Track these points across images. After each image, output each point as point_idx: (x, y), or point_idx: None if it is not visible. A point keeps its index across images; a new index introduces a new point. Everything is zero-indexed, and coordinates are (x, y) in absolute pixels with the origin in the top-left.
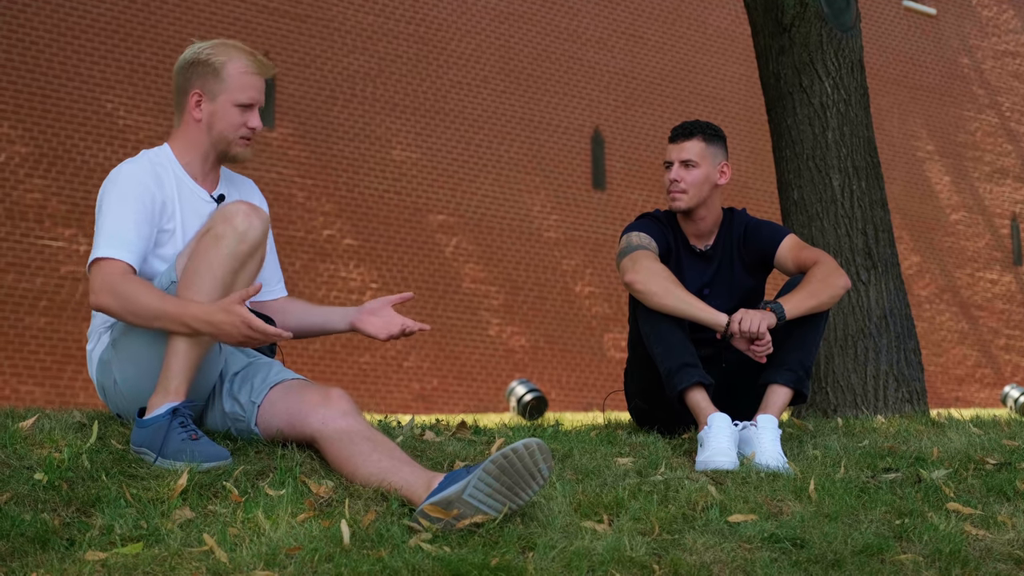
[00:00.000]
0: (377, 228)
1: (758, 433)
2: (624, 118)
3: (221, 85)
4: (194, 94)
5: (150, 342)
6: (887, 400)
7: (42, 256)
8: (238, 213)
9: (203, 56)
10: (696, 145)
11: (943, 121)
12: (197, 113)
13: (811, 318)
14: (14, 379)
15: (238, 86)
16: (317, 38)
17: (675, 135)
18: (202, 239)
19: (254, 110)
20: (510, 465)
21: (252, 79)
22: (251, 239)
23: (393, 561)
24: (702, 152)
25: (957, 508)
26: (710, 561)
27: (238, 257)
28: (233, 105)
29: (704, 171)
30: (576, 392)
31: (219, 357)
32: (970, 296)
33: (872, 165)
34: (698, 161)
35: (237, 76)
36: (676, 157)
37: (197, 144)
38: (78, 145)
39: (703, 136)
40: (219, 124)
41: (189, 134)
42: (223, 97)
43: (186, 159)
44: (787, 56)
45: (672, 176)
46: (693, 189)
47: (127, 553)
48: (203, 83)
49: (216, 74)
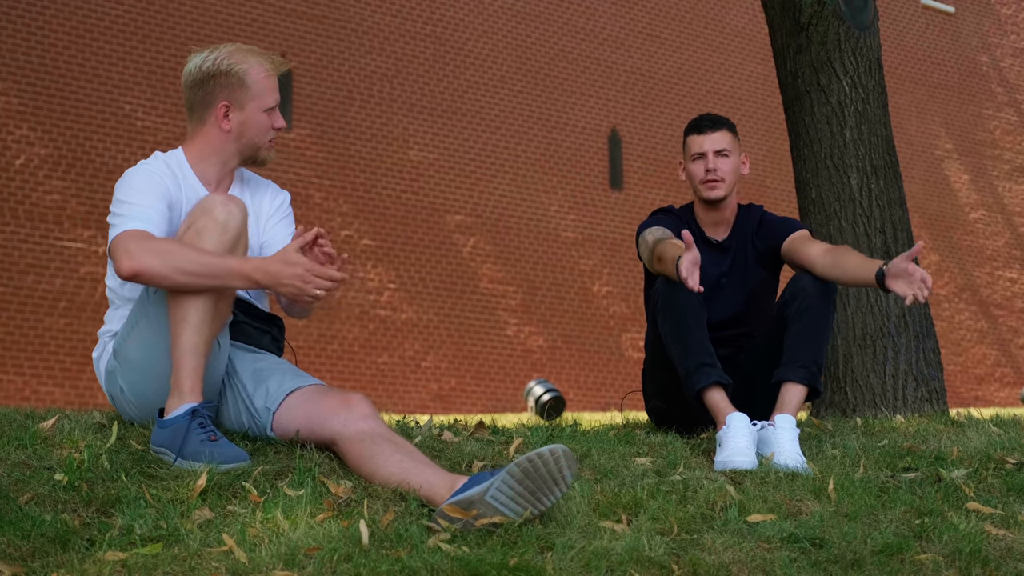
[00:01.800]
0: (395, 228)
1: (776, 433)
2: (641, 117)
3: (248, 93)
4: (222, 106)
5: (150, 347)
6: (906, 399)
7: (61, 257)
8: (215, 204)
9: (224, 67)
10: (726, 135)
11: (962, 119)
12: (226, 124)
13: (819, 310)
14: (34, 380)
15: (264, 91)
16: (334, 39)
17: (703, 127)
18: (185, 235)
19: (276, 110)
20: (534, 469)
21: (273, 81)
22: (232, 228)
23: (412, 561)
24: (732, 142)
25: (977, 508)
26: (729, 561)
27: (224, 246)
28: (262, 111)
29: (734, 161)
30: (594, 392)
31: (221, 355)
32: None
33: (890, 164)
34: (730, 150)
35: (261, 81)
36: (710, 148)
37: (219, 151)
38: (96, 147)
39: (727, 127)
40: (250, 131)
41: (212, 143)
42: (252, 105)
43: (201, 166)
44: (805, 55)
45: (711, 166)
46: (729, 177)
47: (147, 553)
48: (229, 93)
49: (242, 83)
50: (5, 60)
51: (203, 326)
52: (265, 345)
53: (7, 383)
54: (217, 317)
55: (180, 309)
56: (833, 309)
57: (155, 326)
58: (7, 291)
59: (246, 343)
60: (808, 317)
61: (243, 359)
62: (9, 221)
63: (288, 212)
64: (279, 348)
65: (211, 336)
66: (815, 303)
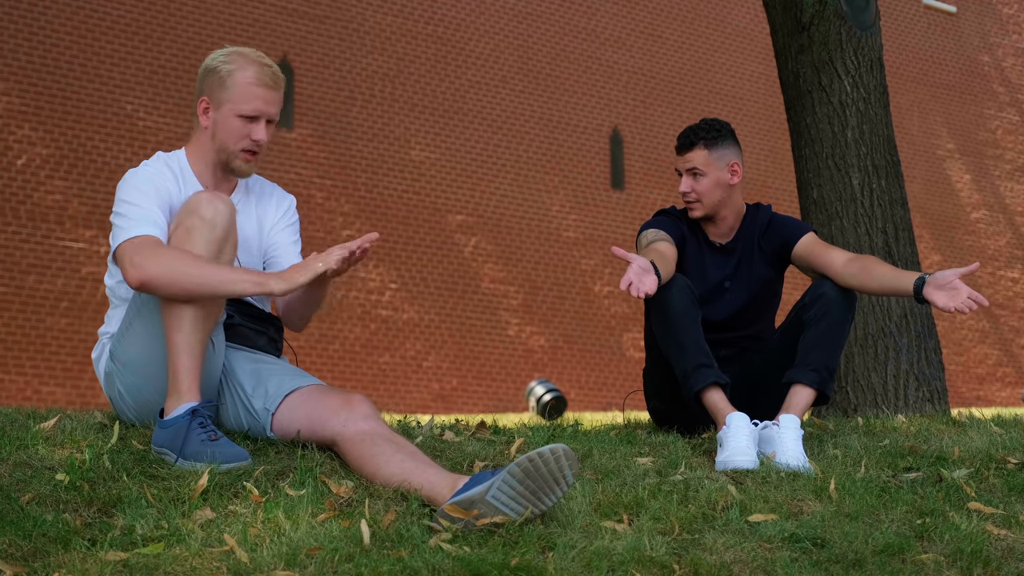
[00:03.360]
0: (396, 228)
1: (780, 432)
2: (643, 117)
3: (225, 94)
4: (202, 101)
5: (145, 349)
6: (908, 399)
7: (63, 257)
8: (201, 202)
9: (214, 64)
10: (698, 154)
11: (963, 119)
12: (205, 120)
13: (837, 318)
14: (36, 380)
15: (242, 96)
16: (336, 39)
17: (678, 146)
18: (174, 235)
19: (260, 123)
20: (535, 469)
21: (258, 90)
22: (221, 224)
23: (413, 561)
24: (705, 160)
25: (978, 507)
26: (730, 561)
27: (214, 243)
28: (235, 116)
29: (713, 177)
30: (595, 392)
31: (217, 354)
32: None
33: (892, 164)
34: (704, 169)
35: (243, 86)
36: (683, 167)
37: (206, 152)
38: (99, 147)
39: (704, 143)
40: (220, 134)
41: (202, 142)
42: (227, 107)
43: (199, 167)
44: (806, 55)
45: (683, 188)
46: (705, 197)
47: (148, 553)
48: (211, 91)
49: (222, 83)
50: (7, 60)
51: (197, 325)
52: (262, 346)
53: (8, 383)
54: (210, 316)
55: (173, 309)
56: (852, 319)
57: (149, 327)
58: (9, 291)
59: (243, 344)
60: (826, 323)
61: (240, 360)
62: (11, 221)
63: (294, 218)
64: (277, 348)
65: (205, 335)
66: (835, 311)
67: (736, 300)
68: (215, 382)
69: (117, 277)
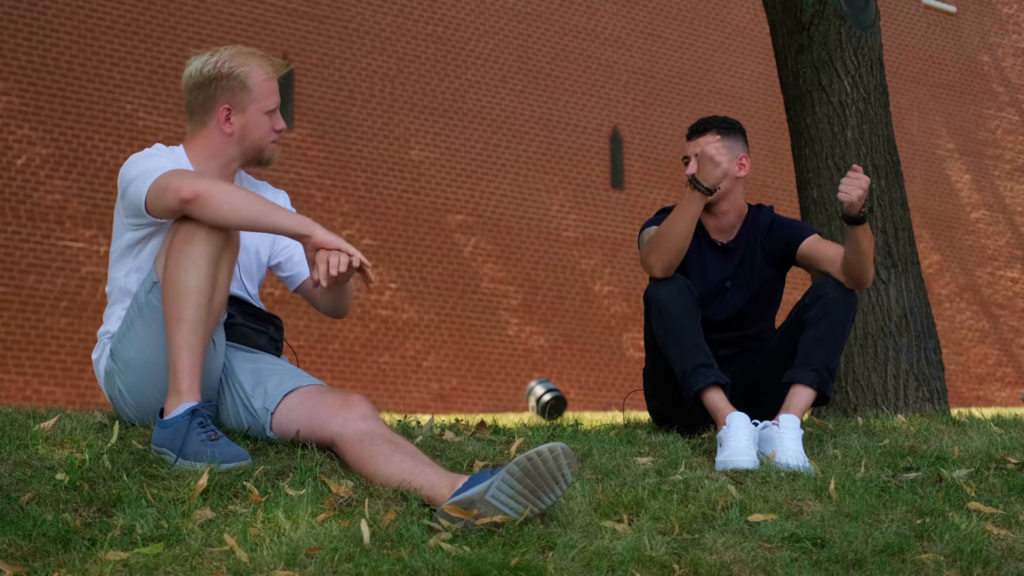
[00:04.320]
0: (396, 228)
1: (780, 432)
2: (643, 117)
3: (249, 96)
4: (223, 109)
5: (146, 348)
6: (907, 399)
7: (63, 257)
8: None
9: (225, 69)
10: (710, 139)
11: (963, 119)
12: (228, 127)
13: (838, 318)
14: (35, 380)
15: (265, 93)
16: (335, 39)
17: (691, 131)
18: (175, 237)
19: (277, 112)
20: (534, 468)
21: (273, 84)
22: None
23: (413, 561)
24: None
25: (978, 507)
26: (730, 561)
27: (215, 246)
28: (263, 113)
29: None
30: (595, 392)
31: (217, 353)
32: (991, 295)
33: (892, 164)
34: None
35: (262, 84)
36: (692, 152)
37: (220, 154)
38: (98, 146)
39: (717, 130)
40: (253, 134)
41: (212, 145)
42: (253, 107)
43: (202, 167)
44: (806, 55)
45: (689, 171)
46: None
47: (148, 553)
48: (231, 96)
49: (243, 86)
50: (7, 60)
51: (198, 324)
52: (262, 345)
53: (8, 383)
54: (211, 315)
55: (174, 308)
56: (852, 320)
57: (150, 326)
58: (8, 291)
59: (243, 344)
60: (827, 323)
61: (240, 360)
62: (10, 221)
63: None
64: (277, 348)
65: (206, 334)
66: (836, 311)
67: (737, 300)
68: (215, 381)
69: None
